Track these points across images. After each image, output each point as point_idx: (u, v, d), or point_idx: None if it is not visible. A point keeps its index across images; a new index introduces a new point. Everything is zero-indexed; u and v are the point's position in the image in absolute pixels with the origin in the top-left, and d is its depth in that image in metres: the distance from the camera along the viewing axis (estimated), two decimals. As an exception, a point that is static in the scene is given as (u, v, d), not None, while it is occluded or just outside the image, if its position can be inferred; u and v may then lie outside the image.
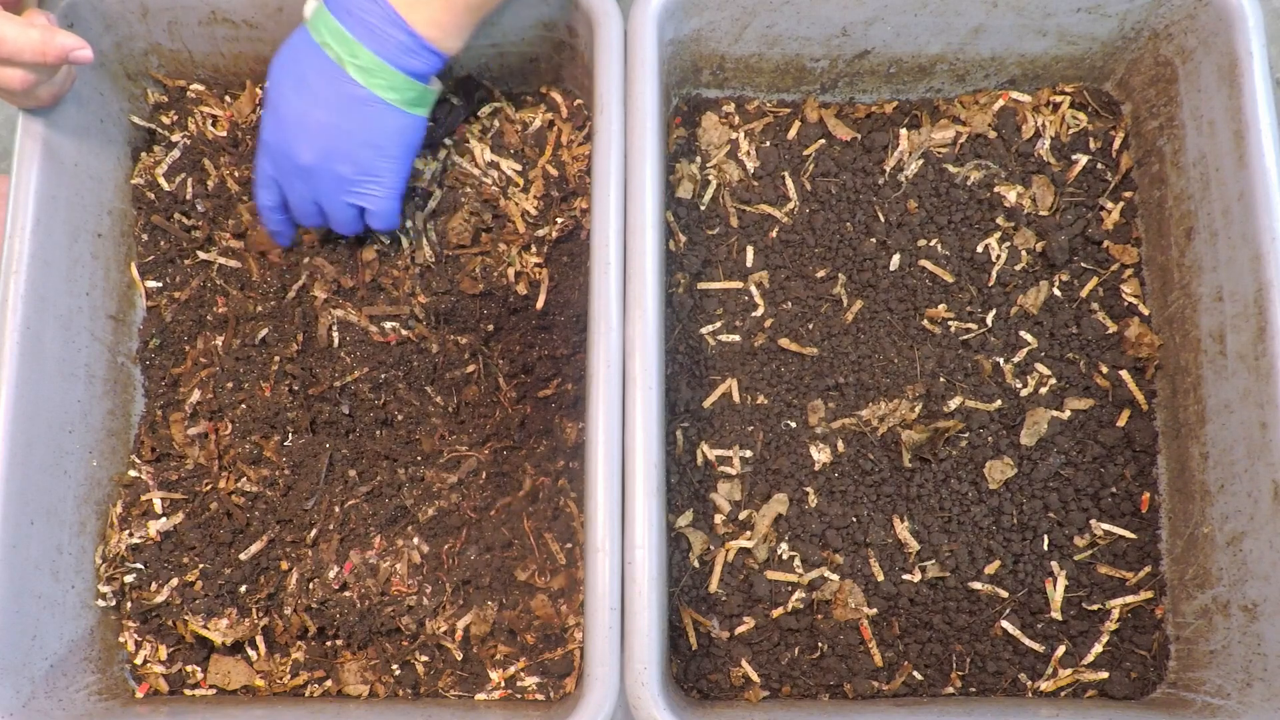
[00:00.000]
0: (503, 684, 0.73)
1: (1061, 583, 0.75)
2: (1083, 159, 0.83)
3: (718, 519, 0.76)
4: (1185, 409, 0.76)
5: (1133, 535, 0.76)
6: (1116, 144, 0.83)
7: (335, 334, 0.78)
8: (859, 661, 0.73)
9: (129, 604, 0.74)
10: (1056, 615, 0.75)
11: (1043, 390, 0.79)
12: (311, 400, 0.77)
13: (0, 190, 0.73)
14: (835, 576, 0.75)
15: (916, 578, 0.75)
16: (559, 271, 0.80)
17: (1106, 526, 0.76)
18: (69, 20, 0.72)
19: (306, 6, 0.66)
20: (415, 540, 0.74)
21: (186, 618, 0.73)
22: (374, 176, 0.68)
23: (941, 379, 0.78)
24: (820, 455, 0.77)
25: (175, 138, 0.82)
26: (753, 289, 0.81)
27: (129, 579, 0.74)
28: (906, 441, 0.75)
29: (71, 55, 0.63)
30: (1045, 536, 0.76)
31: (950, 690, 0.74)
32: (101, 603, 0.73)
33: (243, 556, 0.74)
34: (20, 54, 0.61)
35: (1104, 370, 0.79)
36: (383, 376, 0.77)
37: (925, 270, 0.81)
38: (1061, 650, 0.74)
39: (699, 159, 0.84)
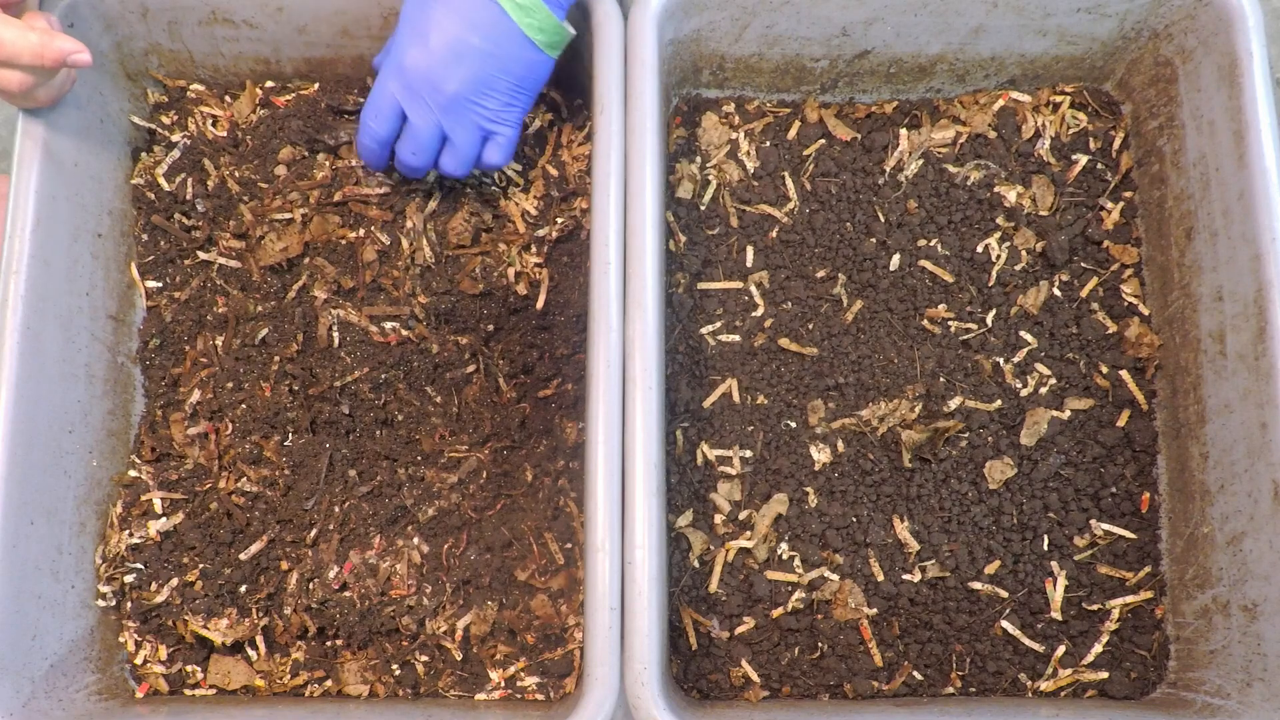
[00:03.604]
0: (503, 684, 0.73)
1: (1061, 583, 0.75)
2: (1083, 159, 0.83)
3: (718, 519, 0.76)
4: (1185, 409, 0.76)
5: (1133, 535, 0.76)
6: (1116, 144, 0.83)
7: (335, 334, 0.78)
8: (859, 661, 0.73)
9: (129, 604, 0.74)
10: (1056, 615, 0.75)
11: (1043, 390, 0.79)
12: (311, 400, 0.77)
13: (0, 190, 0.73)
14: (835, 576, 0.75)
15: (916, 578, 0.75)
16: (559, 271, 0.80)
17: (1106, 526, 0.76)
18: (69, 20, 0.72)
19: None
20: (415, 540, 0.74)
21: (186, 618, 0.73)
22: (512, 109, 0.70)
23: (941, 379, 0.78)
24: (820, 455, 0.77)
25: (175, 138, 0.82)
26: (753, 289, 0.81)
27: (129, 579, 0.74)
28: (906, 441, 0.75)
29: (70, 59, 0.63)
30: (1045, 536, 0.76)
31: (950, 690, 0.74)
32: (101, 603, 0.73)
33: (243, 556, 0.74)
34: (18, 56, 0.61)
35: (1104, 370, 0.79)
36: (383, 376, 0.77)
37: (925, 270, 0.81)
38: (1061, 650, 0.74)
39: (699, 159, 0.84)
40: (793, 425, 0.78)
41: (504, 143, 0.72)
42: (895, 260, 0.81)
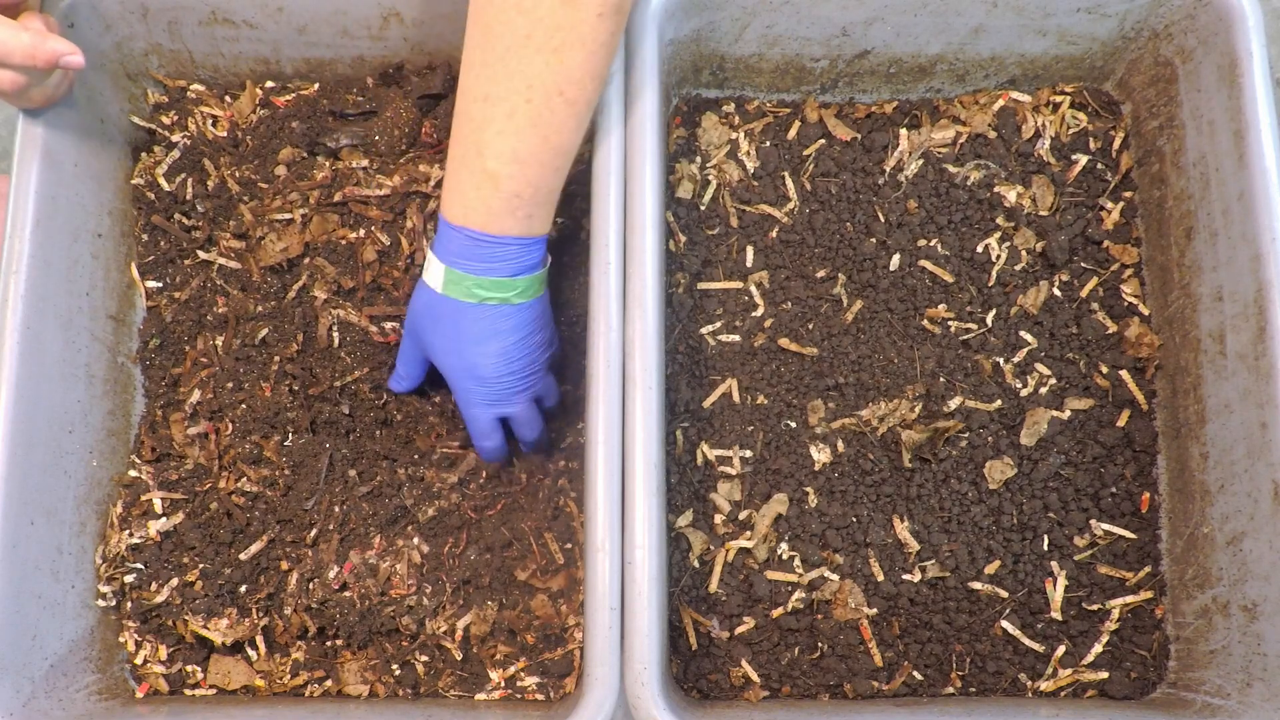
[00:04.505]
0: (503, 684, 0.73)
1: (1061, 583, 0.75)
2: (1083, 159, 0.83)
3: (718, 519, 0.76)
4: (1185, 409, 0.76)
5: (1133, 535, 0.76)
6: (1116, 144, 0.83)
7: (335, 334, 0.78)
8: (859, 661, 0.73)
9: (129, 604, 0.74)
10: (1056, 615, 0.75)
11: (1043, 390, 0.79)
12: (311, 400, 0.77)
13: (0, 190, 0.73)
14: (835, 576, 0.75)
15: (916, 578, 0.75)
16: (559, 271, 0.80)
17: (1106, 526, 0.76)
18: (69, 20, 0.72)
19: (433, 277, 0.67)
20: (415, 540, 0.74)
21: (186, 618, 0.73)
22: (553, 347, 0.74)
23: (941, 379, 0.78)
24: (820, 455, 0.77)
25: (175, 138, 0.82)
26: (753, 289, 0.81)
27: (129, 579, 0.74)
28: (906, 441, 0.75)
29: (62, 60, 0.63)
30: (1045, 536, 0.76)
31: (950, 690, 0.74)
32: (101, 603, 0.73)
33: (243, 556, 0.74)
34: (10, 56, 0.61)
35: (1104, 370, 0.79)
36: (383, 377, 0.77)
37: (925, 270, 0.81)
38: (1061, 650, 0.74)
39: (699, 159, 0.84)
40: (793, 425, 0.78)
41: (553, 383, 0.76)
42: (895, 260, 0.81)
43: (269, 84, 0.83)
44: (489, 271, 0.65)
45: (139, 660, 0.74)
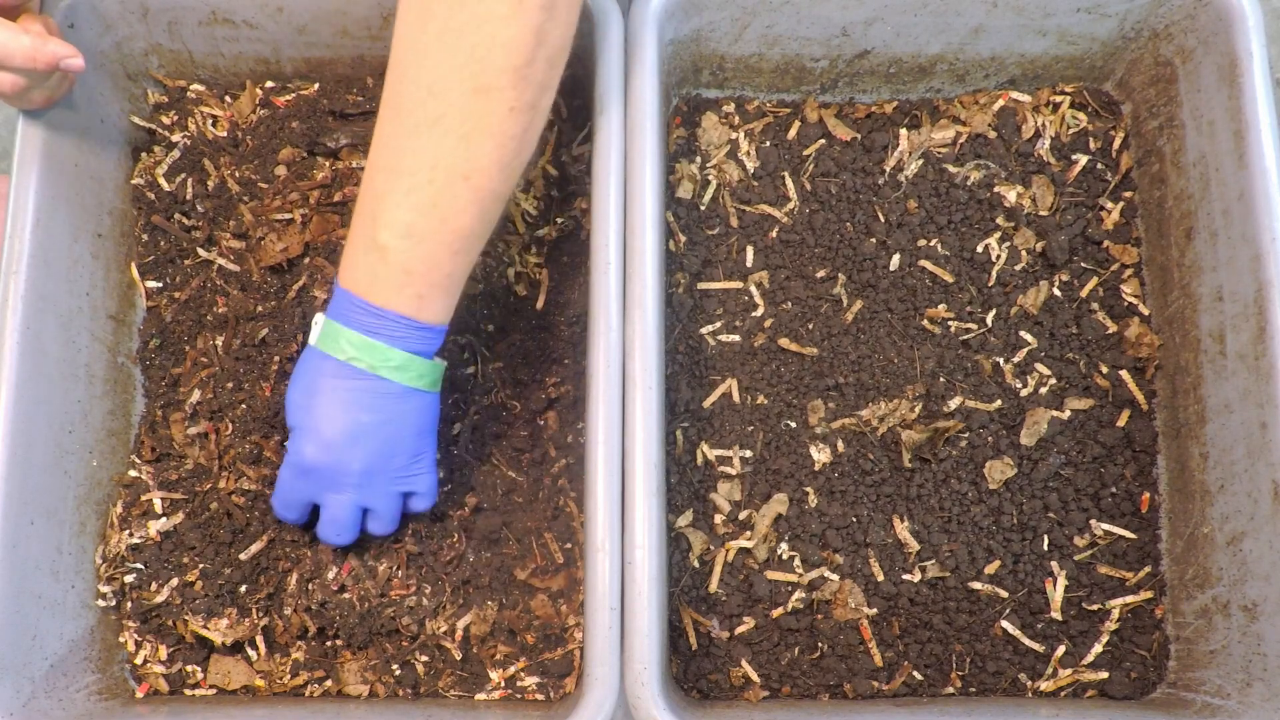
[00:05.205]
0: (503, 684, 0.73)
1: (1061, 583, 0.75)
2: (1083, 159, 0.83)
3: (718, 519, 0.76)
4: (1185, 409, 0.76)
5: (1133, 535, 0.76)
6: (1116, 144, 0.83)
7: (335, 334, 0.78)
8: (859, 661, 0.73)
9: (129, 604, 0.74)
10: (1056, 615, 0.75)
11: (1043, 390, 0.79)
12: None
13: (0, 190, 0.73)
14: (835, 576, 0.75)
15: (916, 578, 0.75)
16: (559, 271, 0.80)
17: (1106, 526, 0.76)
18: (69, 21, 0.72)
19: (314, 333, 0.64)
20: (409, 541, 0.74)
21: (186, 618, 0.73)
22: (419, 458, 0.68)
23: (941, 379, 0.78)
24: (820, 455, 0.77)
25: (175, 138, 0.82)
26: (753, 289, 0.81)
27: (129, 579, 0.74)
28: (906, 441, 0.75)
29: (62, 63, 0.63)
30: (1045, 536, 0.76)
31: (950, 690, 0.74)
32: (101, 603, 0.73)
33: (243, 556, 0.74)
34: (10, 59, 0.61)
35: (1104, 370, 0.79)
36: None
37: (925, 270, 0.81)
38: (1061, 650, 0.74)
39: (699, 159, 0.84)
40: (793, 425, 0.78)
41: (425, 492, 0.69)
42: (895, 260, 0.81)
43: (269, 84, 0.83)
44: (365, 333, 0.62)
45: (139, 660, 0.74)
